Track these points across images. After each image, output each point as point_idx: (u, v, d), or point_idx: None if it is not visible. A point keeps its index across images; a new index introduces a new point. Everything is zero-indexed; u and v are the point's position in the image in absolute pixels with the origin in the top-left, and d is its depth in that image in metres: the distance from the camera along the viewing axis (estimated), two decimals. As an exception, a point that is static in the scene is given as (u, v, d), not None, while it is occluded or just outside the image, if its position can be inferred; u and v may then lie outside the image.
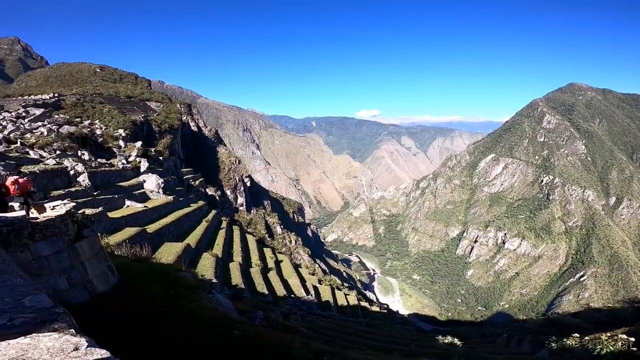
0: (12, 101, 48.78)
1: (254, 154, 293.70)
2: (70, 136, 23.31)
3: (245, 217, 59.97)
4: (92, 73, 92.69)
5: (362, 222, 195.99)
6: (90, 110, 49.68)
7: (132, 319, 6.34)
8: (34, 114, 32.69)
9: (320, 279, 39.53)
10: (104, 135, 31.06)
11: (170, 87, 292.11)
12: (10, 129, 22.76)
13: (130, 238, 14.74)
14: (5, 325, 1.68)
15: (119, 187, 21.89)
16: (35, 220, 6.00)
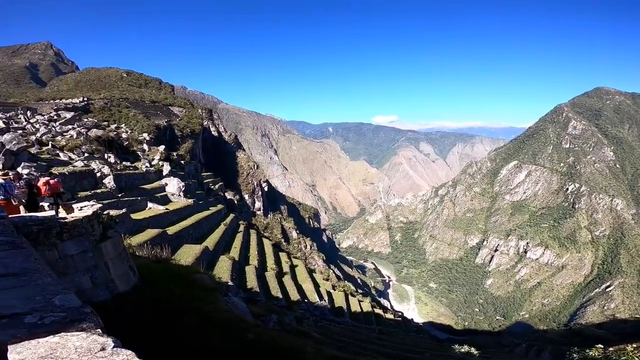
0: (45, 104, 51.24)
1: (272, 159, 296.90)
2: (97, 139, 24.34)
3: (262, 222, 60.42)
4: (119, 78, 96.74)
5: (379, 228, 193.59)
6: (117, 114, 51.76)
7: (151, 319, 6.46)
8: (65, 117, 34.34)
9: (334, 284, 39.22)
10: (129, 139, 32.24)
11: (192, 92, 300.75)
12: (43, 132, 24.00)
13: (151, 239, 15.12)
14: (36, 323, 1.74)
15: (142, 189, 22.62)
16: (63, 220, 6.26)
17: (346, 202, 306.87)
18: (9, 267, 2.47)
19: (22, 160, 15.36)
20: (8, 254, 2.78)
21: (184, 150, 52.85)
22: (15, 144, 15.87)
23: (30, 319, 1.80)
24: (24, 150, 16.12)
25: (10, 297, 2.05)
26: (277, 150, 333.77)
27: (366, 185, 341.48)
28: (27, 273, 2.40)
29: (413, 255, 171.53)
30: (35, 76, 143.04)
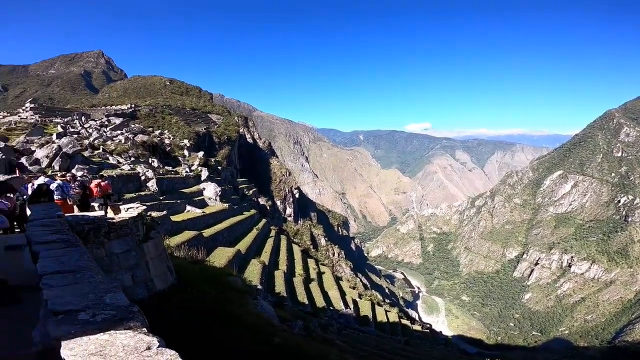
0: (97, 110, 55.52)
1: (303, 166, 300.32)
2: (143, 144, 26.00)
3: (292, 228, 60.90)
4: (162, 86, 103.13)
5: (410, 238, 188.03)
6: (160, 121, 55.04)
7: (187, 318, 6.65)
8: (115, 123, 37.09)
9: (361, 293, 38.63)
10: (172, 145, 34.13)
11: (229, 100, 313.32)
12: (95, 136, 26.06)
13: (188, 241, 15.72)
14: (89, 320, 1.79)
15: (181, 193, 23.75)
16: (111, 220, 6.66)
17: (377, 210, 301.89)
18: (65, 264, 2.62)
19: (76, 162, 16.72)
20: (64, 251, 2.96)
21: (221, 157, 54.93)
22: (71, 147, 17.32)
23: (83, 316, 1.87)
24: (78, 153, 17.54)
25: (66, 293, 2.15)
26: (308, 158, 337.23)
27: (398, 195, 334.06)
28: (80, 271, 2.52)
29: (446, 267, 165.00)
30: (89, 83, 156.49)
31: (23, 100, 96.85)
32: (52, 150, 16.12)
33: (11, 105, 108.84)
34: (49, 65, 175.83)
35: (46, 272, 2.48)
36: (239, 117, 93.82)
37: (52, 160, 15.81)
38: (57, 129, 25.39)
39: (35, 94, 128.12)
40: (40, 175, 8.51)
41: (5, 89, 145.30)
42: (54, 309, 1.97)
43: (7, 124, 29.63)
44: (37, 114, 39.45)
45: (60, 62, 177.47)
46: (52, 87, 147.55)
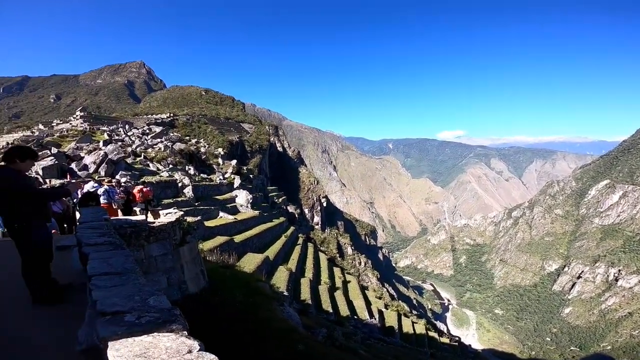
0: (139, 119, 59.06)
1: (331, 175, 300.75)
2: (180, 152, 27.32)
3: (319, 236, 61.01)
4: (198, 96, 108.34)
5: (441, 249, 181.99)
6: (196, 130, 57.67)
7: (217, 321, 6.77)
8: (155, 131, 39.31)
9: (387, 303, 37.72)
10: (207, 153, 35.60)
11: (260, 109, 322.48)
12: (137, 144, 27.75)
13: (220, 245, 16.15)
14: (134, 322, 1.83)
15: (215, 199, 24.58)
16: (151, 225, 6.98)
17: (406, 220, 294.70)
18: (112, 266, 2.74)
19: (120, 169, 17.85)
20: (111, 254, 3.10)
21: (252, 165, 56.45)
22: (116, 154, 18.54)
23: (129, 318, 1.92)
24: (122, 160, 18.72)
25: (113, 295, 2.22)
26: (336, 167, 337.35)
27: (429, 205, 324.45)
28: (126, 273, 2.62)
29: (479, 279, 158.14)
30: (132, 92, 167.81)
31: (74, 108, 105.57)
32: (99, 156, 17.35)
33: (64, 113, 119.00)
34: (97, 75, 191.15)
35: (95, 273, 2.60)
36: (269, 126, 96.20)
37: (98, 166, 17.01)
38: (103, 136, 27.37)
39: (85, 103, 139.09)
40: (90, 181, 9.20)
41: (59, 97, 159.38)
42: (102, 309, 2.04)
43: (60, 131, 32.42)
44: (86, 122, 42.81)
45: (107, 72, 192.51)
46: (99, 96, 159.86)
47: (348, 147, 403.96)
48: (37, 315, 3.64)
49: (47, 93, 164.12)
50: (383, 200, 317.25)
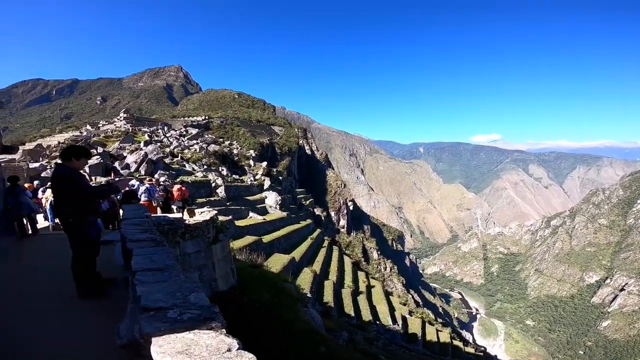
0: (177, 121, 61.93)
1: (358, 178, 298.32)
2: (214, 154, 28.35)
3: (345, 239, 60.66)
4: (232, 99, 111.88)
5: (472, 257, 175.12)
6: (230, 132, 59.55)
7: (244, 320, 6.91)
8: (191, 133, 41.08)
9: (412, 310, 36.67)
10: (239, 155, 36.65)
11: (290, 112, 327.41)
12: (175, 145, 29.14)
13: (248, 245, 16.50)
14: (176, 319, 1.86)
15: (245, 200, 25.22)
16: (187, 223, 7.27)
17: (436, 227, 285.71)
18: (155, 262, 2.85)
19: (158, 168, 18.80)
20: (154, 250, 3.24)
21: (282, 167, 57.27)
22: (155, 154, 19.56)
23: (171, 314, 1.95)
24: (161, 160, 19.72)
25: (155, 290, 2.30)
26: (364, 170, 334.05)
27: (461, 211, 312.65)
28: (167, 269, 2.71)
29: (511, 289, 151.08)
30: (170, 95, 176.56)
31: (118, 110, 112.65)
32: (140, 156, 18.39)
33: (109, 114, 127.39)
34: (138, 78, 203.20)
35: (139, 269, 2.71)
36: (298, 129, 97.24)
37: (139, 165, 18.03)
38: (144, 137, 28.99)
39: (128, 105, 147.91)
40: (132, 179, 9.79)
41: (104, 99, 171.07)
42: (146, 305, 2.10)
43: (105, 131, 34.76)
44: (129, 123, 45.54)
45: (147, 75, 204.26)
46: (141, 98, 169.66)
47: (377, 150, 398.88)
48: (80, 308, 3.80)
49: (94, 95, 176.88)
50: (412, 205, 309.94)
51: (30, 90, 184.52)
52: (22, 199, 8.76)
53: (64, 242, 7.32)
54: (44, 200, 10.79)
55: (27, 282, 4.95)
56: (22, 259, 6.80)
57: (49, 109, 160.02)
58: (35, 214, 9.63)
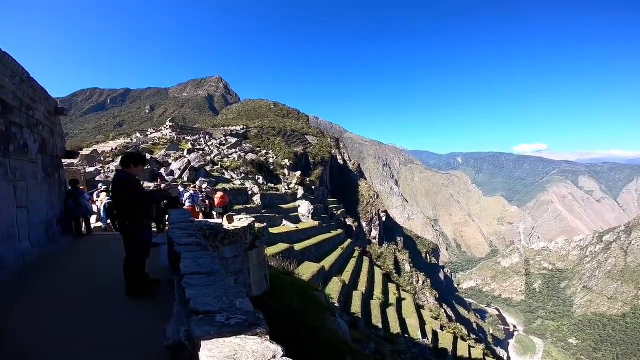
0: (217, 130, 65.02)
1: (392, 189, 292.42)
2: (252, 162, 29.35)
3: (376, 250, 59.88)
4: (268, 109, 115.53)
5: (513, 273, 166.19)
6: (266, 141, 61.44)
7: (274, 326, 6.97)
8: (231, 142, 42.89)
9: (443, 324, 35.13)
10: (274, 164, 37.63)
11: (323, 122, 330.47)
12: (215, 154, 30.55)
13: (281, 252, 16.75)
14: (224, 323, 1.91)
15: (280, 208, 25.77)
16: (226, 228, 7.55)
17: (474, 241, 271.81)
18: (202, 266, 2.99)
19: (200, 175, 19.77)
20: (200, 254, 3.41)
21: (314, 177, 57.86)
22: (197, 162, 20.61)
23: (219, 318, 2.00)
24: (202, 168, 20.73)
25: (203, 294, 2.40)
26: (398, 181, 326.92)
27: (502, 225, 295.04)
28: (214, 274, 2.83)
29: (554, 306, 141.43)
30: (211, 105, 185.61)
31: (164, 119, 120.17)
32: (184, 163, 19.49)
33: (156, 123, 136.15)
34: (183, 88, 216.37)
35: (187, 272, 2.85)
36: (331, 139, 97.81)
37: (182, 172, 19.10)
38: (187, 145, 30.73)
39: (173, 114, 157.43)
40: (178, 185, 10.44)
41: (152, 108, 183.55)
42: (195, 308, 2.17)
43: (153, 139, 37.29)
44: (174, 132, 48.56)
45: (191, 86, 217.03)
46: (185, 108, 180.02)
47: (412, 161, 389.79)
48: (129, 308, 3.96)
49: (143, 104, 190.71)
50: (449, 218, 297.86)
51: (88, 98, 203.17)
52: (81, 201, 9.60)
53: (115, 241, 7.94)
54: (98, 202, 11.74)
55: (82, 278, 5.38)
56: (79, 257, 7.41)
57: (104, 117, 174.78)
58: (91, 216, 10.50)
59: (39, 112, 7.52)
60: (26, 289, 4.64)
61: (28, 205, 6.68)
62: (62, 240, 8.40)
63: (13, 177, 6.04)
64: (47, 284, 5.00)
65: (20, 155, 6.42)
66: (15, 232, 5.94)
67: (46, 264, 6.28)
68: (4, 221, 5.51)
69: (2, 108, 5.58)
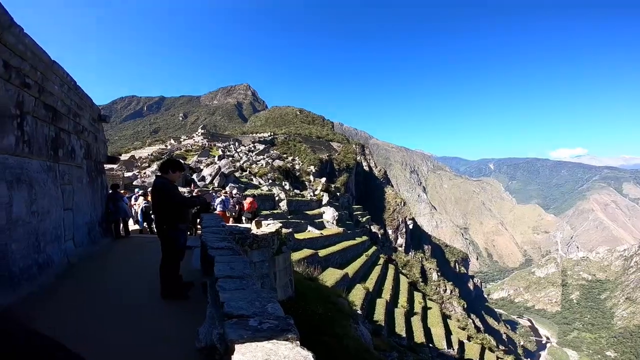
0: (246, 137, 66.62)
1: (420, 196, 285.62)
2: (279, 169, 29.88)
3: (402, 258, 58.96)
4: (294, 115, 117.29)
5: (548, 283, 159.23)
6: (292, 148, 62.26)
7: (298, 331, 6.98)
8: (259, 148, 43.87)
9: (471, 335, 33.95)
10: (300, 170, 38.06)
11: (348, 128, 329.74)
12: (244, 160, 31.38)
13: (305, 258, 16.83)
14: (257, 328, 1.95)
15: (305, 214, 25.99)
16: (255, 233, 7.71)
17: (507, 250, 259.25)
18: (235, 270, 3.07)
19: (230, 181, 20.35)
20: (232, 258, 3.50)
21: (339, 183, 57.86)
22: (227, 168, 21.25)
23: (252, 323, 2.04)
24: (232, 174, 21.33)
25: (237, 298, 2.46)
26: (426, 188, 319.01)
27: (537, 234, 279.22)
28: (245, 278, 2.90)
29: (592, 317, 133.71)
30: (240, 112, 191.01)
31: (196, 126, 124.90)
32: (214, 169, 20.17)
33: (189, 130, 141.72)
34: (213, 96, 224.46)
35: (221, 276, 2.93)
36: (356, 145, 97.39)
37: (213, 177, 19.76)
38: (218, 152, 31.81)
39: (205, 122, 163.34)
40: (209, 191, 10.86)
41: (185, 116, 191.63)
42: (229, 312, 2.22)
43: (186, 146, 38.93)
44: (205, 139, 50.37)
45: (221, 94, 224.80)
46: (215, 115, 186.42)
47: (440, 167, 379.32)
48: (163, 309, 4.07)
49: (177, 112, 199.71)
50: (480, 226, 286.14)
51: (127, 106, 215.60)
52: (120, 204, 10.17)
53: (151, 244, 8.31)
54: (136, 206, 12.39)
55: (120, 278, 5.66)
56: (117, 257, 7.82)
57: (141, 124, 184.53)
58: (129, 218, 11.09)
59: (85, 119, 7.94)
60: (69, 288, 4.90)
61: (74, 207, 7.12)
62: (102, 241, 8.90)
63: (62, 180, 6.43)
64: (88, 283, 5.27)
65: (68, 160, 6.82)
66: (61, 232, 6.29)
67: (87, 264, 6.63)
68: (53, 223, 5.83)
69: (53, 115, 5.90)
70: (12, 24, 4.09)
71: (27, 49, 4.59)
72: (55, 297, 4.47)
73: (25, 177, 4.81)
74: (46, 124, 5.72)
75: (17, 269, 4.36)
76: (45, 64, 5.36)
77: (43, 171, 5.57)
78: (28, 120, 4.97)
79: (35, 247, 5.02)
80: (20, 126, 4.74)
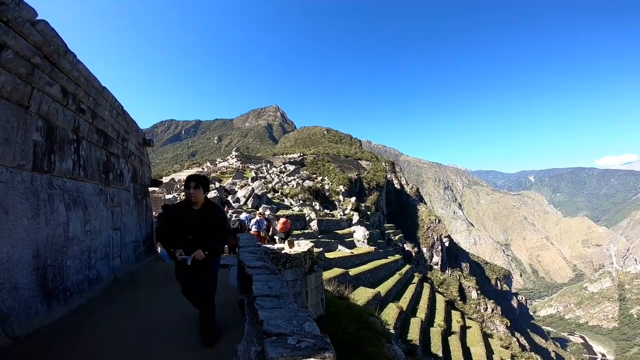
0: (277, 158, 68.27)
1: (455, 213, 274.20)
2: (309, 189, 30.35)
3: (438, 277, 57.01)
4: (322, 135, 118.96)
5: (603, 299, 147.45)
6: (321, 168, 62.88)
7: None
8: (289, 169, 44.85)
9: (515, 354, 31.66)
10: (330, 190, 38.33)
11: (376, 146, 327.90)
12: (276, 181, 32.20)
13: (336, 277, 16.75)
14: (295, 346, 2.04)
15: (335, 233, 25.95)
16: (288, 253, 7.92)
17: (554, 265, 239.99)
18: (272, 289, 3.23)
19: (262, 202, 20.96)
20: (269, 277, 3.67)
21: (370, 202, 57.28)
22: (260, 189, 21.94)
23: (291, 341, 2.12)
24: (265, 195, 21.98)
25: (275, 316, 2.60)
26: (462, 204, 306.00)
27: (588, 247, 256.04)
28: (282, 297, 3.04)
29: None
30: (270, 134, 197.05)
31: (230, 149, 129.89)
32: (248, 191, 20.91)
33: (223, 152, 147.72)
34: (245, 119, 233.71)
35: (259, 294, 3.10)
36: (386, 163, 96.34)
37: (247, 199, 20.46)
38: (251, 173, 32.95)
39: (238, 144, 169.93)
40: (243, 212, 11.33)
41: (220, 139, 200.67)
42: (268, 330, 2.30)
43: (220, 168, 40.72)
44: (239, 161, 52.37)
45: (252, 116, 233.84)
46: (248, 137, 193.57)
47: (476, 182, 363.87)
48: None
49: (212, 135, 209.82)
50: (523, 242, 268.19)
51: (166, 130, 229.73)
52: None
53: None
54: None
55: (160, 293, 5.79)
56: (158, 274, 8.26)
57: (180, 147, 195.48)
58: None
59: (131, 143, 8.44)
60: (116, 302, 5.20)
61: (122, 227, 7.72)
62: (146, 259, 9.51)
63: (112, 202, 6.97)
64: (133, 297, 5.56)
65: (117, 183, 7.36)
66: (110, 250, 6.78)
67: (132, 278, 7.08)
68: (103, 241, 6.29)
69: (104, 140, 6.21)
70: (67, 51, 4.34)
71: (81, 75, 4.86)
72: (105, 310, 4.76)
73: (80, 200, 5.19)
74: (98, 148, 6.07)
75: (70, 283, 4.71)
76: (97, 90, 5.69)
77: (95, 194, 6.00)
78: (83, 145, 5.29)
79: (87, 264, 5.39)
80: (77, 150, 5.06)
